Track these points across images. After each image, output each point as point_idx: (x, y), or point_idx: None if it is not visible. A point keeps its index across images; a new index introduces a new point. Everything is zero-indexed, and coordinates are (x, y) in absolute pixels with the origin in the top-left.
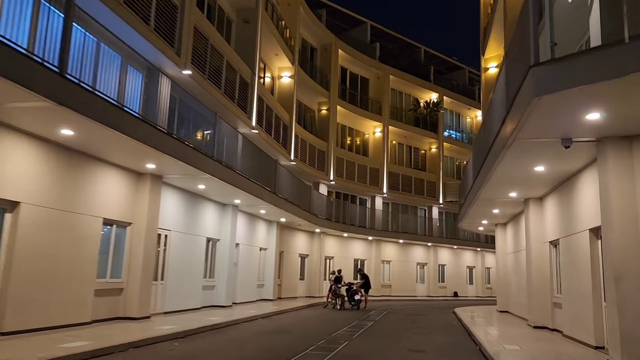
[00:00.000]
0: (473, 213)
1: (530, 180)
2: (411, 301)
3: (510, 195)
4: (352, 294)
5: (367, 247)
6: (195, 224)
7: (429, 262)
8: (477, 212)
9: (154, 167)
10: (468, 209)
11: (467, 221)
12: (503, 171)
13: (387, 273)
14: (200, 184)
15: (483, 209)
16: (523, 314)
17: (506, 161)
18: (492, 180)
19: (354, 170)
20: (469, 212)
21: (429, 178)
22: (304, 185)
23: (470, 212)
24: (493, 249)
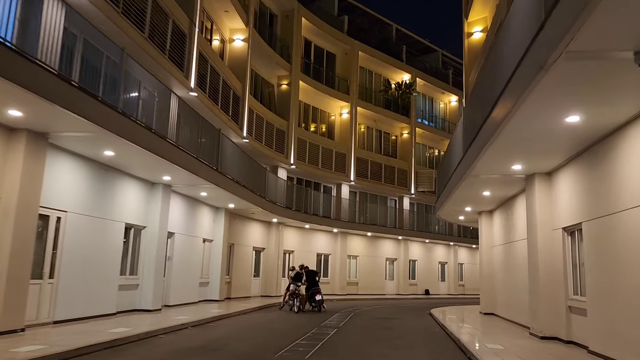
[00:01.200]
0: (457, 197)
1: (550, 143)
2: (380, 300)
3: (513, 169)
4: (313, 293)
5: (331, 240)
6: (107, 206)
7: (399, 258)
8: (463, 195)
9: (24, 116)
10: (452, 192)
11: (447, 208)
12: (517, 126)
13: (353, 269)
14: (109, 149)
15: (471, 190)
16: (514, 317)
17: (530, 106)
18: (498, 142)
19: (317, 154)
20: (452, 196)
21: (400, 166)
22: (258, 166)
23: (454, 196)
24: (467, 243)
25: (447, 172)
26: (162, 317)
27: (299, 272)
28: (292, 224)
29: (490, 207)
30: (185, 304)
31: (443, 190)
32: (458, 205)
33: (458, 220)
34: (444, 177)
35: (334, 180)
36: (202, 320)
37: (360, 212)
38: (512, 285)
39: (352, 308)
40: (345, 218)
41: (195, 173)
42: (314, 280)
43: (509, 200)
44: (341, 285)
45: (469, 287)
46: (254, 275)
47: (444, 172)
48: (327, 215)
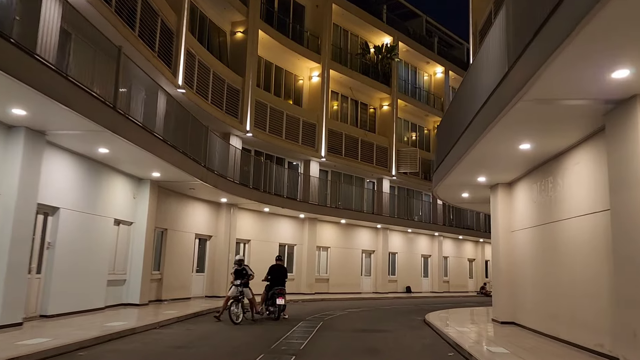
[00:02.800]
0: (477, 156)
1: None
2: (356, 300)
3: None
4: (273, 294)
5: (297, 227)
6: None
7: (377, 250)
8: (487, 151)
9: None
10: (470, 148)
11: (451, 181)
12: None
13: (324, 263)
14: None
15: (507, 138)
16: (561, 333)
17: None
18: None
19: (281, 122)
20: (468, 156)
21: (379, 142)
22: (197, 125)
23: (473, 153)
24: (453, 234)
25: (454, 131)
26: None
27: (238, 268)
28: (248, 206)
29: (513, 176)
30: (76, 313)
31: (449, 154)
32: (469, 173)
33: (459, 200)
34: (454, 132)
35: (302, 155)
36: (73, 344)
37: (333, 194)
38: (555, 284)
39: (321, 313)
40: (314, 201)
41: (76, 110)
42: (280, 278)
43: (552, 161)
44: (309, 282)
45: (454, 284)
46: (197, 270)
47: (453, 125)
48: (292, 196)
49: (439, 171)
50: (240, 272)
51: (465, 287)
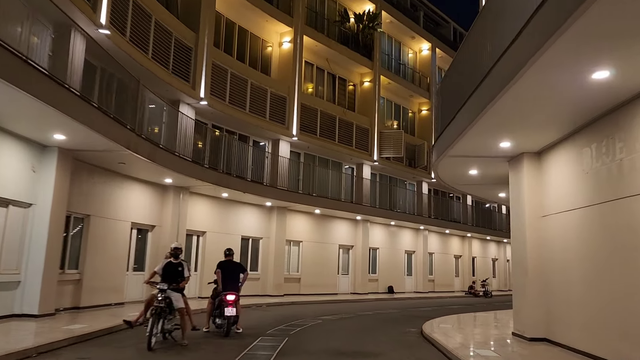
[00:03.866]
0: (494, 117)
1: None
2: (331, 304)
3: None
4: (220, 302)
5: (263, 218)
6: None
7: (356, 245)
8: (510, 105)
9: None
10: (487, 107)
11: (461, 148)
12: None
13: (294, 260)
14: None
15: (542, 82)
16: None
17: None
18: None
19: (244, 92)
20: (483, 118)
21: (359, 122)
22: (126, 78)
23: (488, 115)
24: (438, 227)
25: (485, 57)
26: None
27: (173, 262)
28: (203, 191)
29: (549, 139)
30: None
31: (462, 110)
32: (487, 136)
33: (464, 180)
34: (471, 78)
35: (270, 133)
36: None
37: (306, 180)
38: (629, 289)
39: (288, 322)
40: (283, 186)
41: None
42: (232, 279)
43: (625, 108)
44: (276, 282)
45: (440, 283)
46: (135, 268)
47: (470, 69)
48: (258, 180)
49: (443, 140)
50: (171, 269)
51: (451, 286)
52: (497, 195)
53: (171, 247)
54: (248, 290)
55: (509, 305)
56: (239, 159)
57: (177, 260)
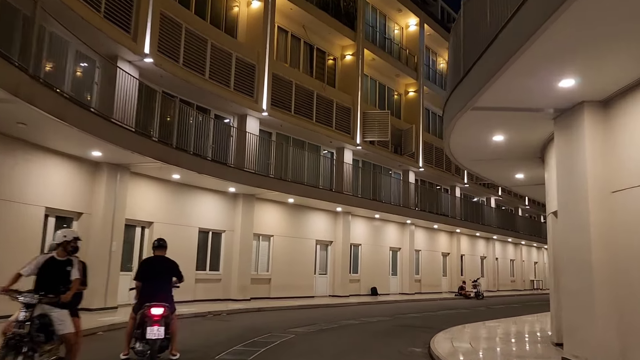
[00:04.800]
0: (553, 40)
1: None
2: (307, 309)
3: None
4: (143, 320)
5: (226, 207)
6: None
7: (336, 241)
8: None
9: None
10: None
11: (493, 95)
12: None
13: (264, 257)
14: None
15: None
16: None
17: None
18: None
19: (203, 53)
20: (536, 45)
21: (341, 101)
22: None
23: (547, 36)
24: (428, 221)
25: None
26: None
27: (57, 259)
28: (148, 171)
29: (621, 82)
30: None
31: (504, 28)
32: (545, 67)
33: (479, 152)
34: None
35: (235, 106)
36: None
37: (278, 163)
38: None
39: (250, 339)
40: (251, 168)
41: None
42: (160, 282)
43: None
44: (241, 284)
45: (427, 284)
46: None
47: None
48: (219, 160)
49: (466, 87)
50: (53, 270)
51: (438, 287)
52: (513, 177)
53: (57, 234)
54: (206, 294)
55: (509, 309)
56: (198, 134)
57: (64, 256)
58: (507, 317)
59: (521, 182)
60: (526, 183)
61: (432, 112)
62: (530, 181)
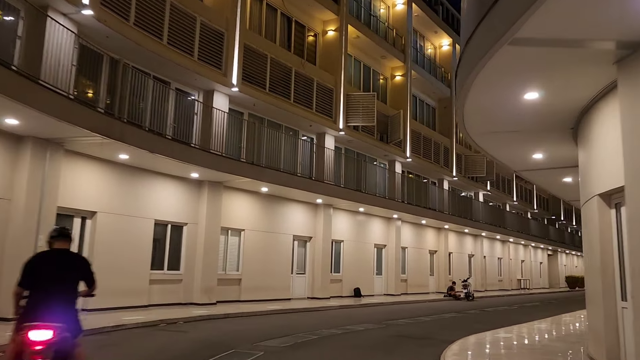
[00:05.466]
0: None
1: None
2: (283, 314)
3: None
4: (20, 349)
5: (189, 196)
6: None
7: (316, 236)
8: None
9: None
10: None
11: (539, 23)
12: None
13: (233, 255)
14: None
15: None
16: None
17: None
18: None
19: (160, 13)
20: None
21: (322, 80)
22: None
23: None
24: (416, 215)
25: None
26: None
27: None
28: (88, 150)
29: None
30: None
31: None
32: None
33: (504, 121)
34: None
35: (200, 80)
36: None
37: (250, 146)
38: None
39: None
40: (218, 150)
41: None
42: (56, 290)
43: None
44: (206, 285)
45: (414, 284)
46: None
47: None
48: (181, 139)
49: (499, 13)
50: None
51: (425, 287)
52: (530, 158)
53: None
54: (163, 298)
55: (507, 312)
56: (155, 109)
57: None
58: (513, 323)
59: (537, 165)
60: (543, 165)
61: (419, 99)
62: (549, 163)
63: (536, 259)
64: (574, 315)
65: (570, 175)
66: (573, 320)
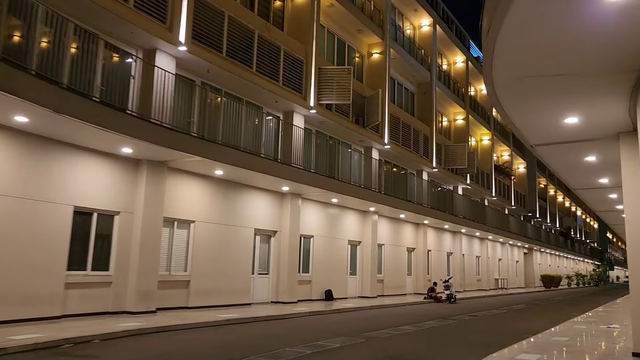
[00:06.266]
0: None
1: None
2: (239, 325)
3: None
4: None
5: (121, 179)
6: None
7: (281, 231)
8: None
9: None
10: None
11: None
12: None
13: (180, 251)
14: None
15: None
16: None
17: None
18: None
19: None
20: None
21: (290, 49)
22: None
23: None
24: (395, 208)
25: None
26: None
27: None
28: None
29: None
30: None
31: None
32: None
33: (544, 64)
34: None
35: (138, 32)
36: None
37: (202, 122)
38: None
39: None
40: (159, 119)
41: None
42: None
43: None
44: (142, 289)
45: (391, 285)
46: None
47: None
48: (111, 103)
49: None
50: None
51: (403, 288)
52: (563, 124)
53: None
54: (84, 306)
55: (498, 317)
56: (80, 65)
57: None
58: (516, 333)
59: (566, 134)
60: (580, 135)
61: (398, 82)
62: (583, 131)
63: (513, 257)
64: (587, 321)
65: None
66: (589, 327)
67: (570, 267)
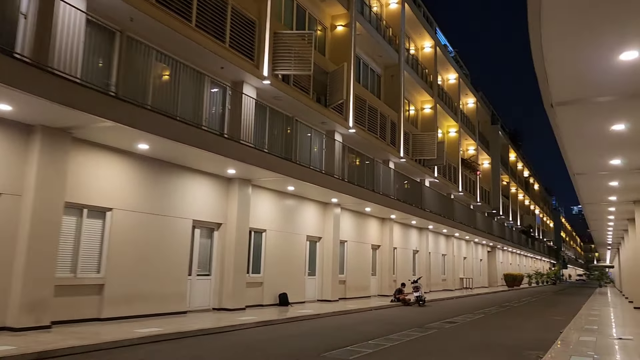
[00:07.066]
0: None
1: None
2: (167, 343)
3: None
4: None
5: (12, 154)
6: None
7: (227, 223)
8: None
9: None
10: None
11: None
12: None
13: (91, 248)
14: None
15: None
16: None
17: None
18: None
19: None
20: None
21: (240, 6)
22: None
23: None
24: (361, 200)
25: None
26: None
27: None
28: None
29: None
30: None
31: None
32: None
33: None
34: None
35: None
36: None
37: (121, 79)
38: None
39: None
40: (61, 69)
41: None
42: None
43: None
44: (32, 296)
45: (354, 286)
46: None
47: None
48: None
49: None
50: None
51: (367, 289)
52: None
53: None
54: None
55: (478, 323)
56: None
57: None
58: (519, 345)
59: (625, 78)
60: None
61: (363, 63)
62: None
63: (477, 255)
64: (587, 330)
65: (627, 119)
66: (600, 339)
67: (529, 266)
